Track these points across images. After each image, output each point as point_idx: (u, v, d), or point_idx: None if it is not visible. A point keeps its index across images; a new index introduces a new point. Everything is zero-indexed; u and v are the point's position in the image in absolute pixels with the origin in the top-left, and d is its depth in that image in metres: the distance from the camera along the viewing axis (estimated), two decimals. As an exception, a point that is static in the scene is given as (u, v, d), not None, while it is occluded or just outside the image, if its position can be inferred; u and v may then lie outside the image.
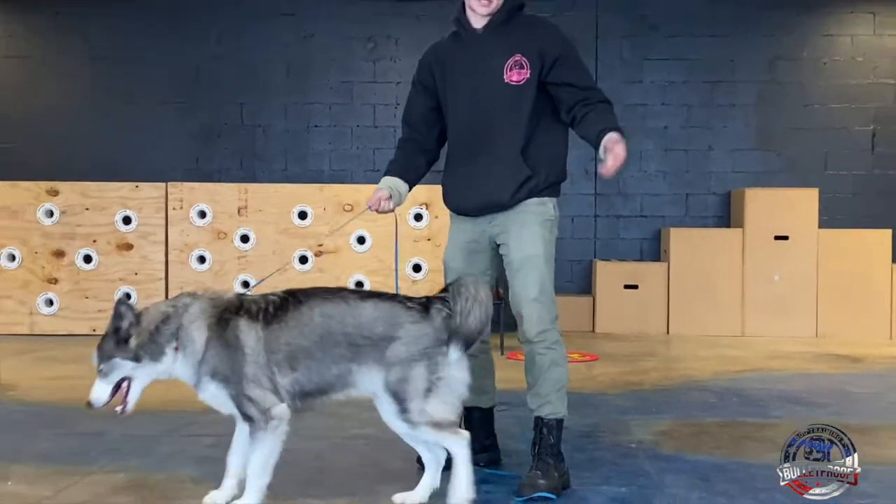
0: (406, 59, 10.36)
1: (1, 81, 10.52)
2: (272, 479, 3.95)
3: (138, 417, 5.52)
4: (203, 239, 9.43)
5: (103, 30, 10.43)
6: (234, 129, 10.42)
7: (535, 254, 4.19)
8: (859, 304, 9.55)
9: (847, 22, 10.23)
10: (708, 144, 10.29)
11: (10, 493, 4.08)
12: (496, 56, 4.25)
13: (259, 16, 10.38)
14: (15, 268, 9.35)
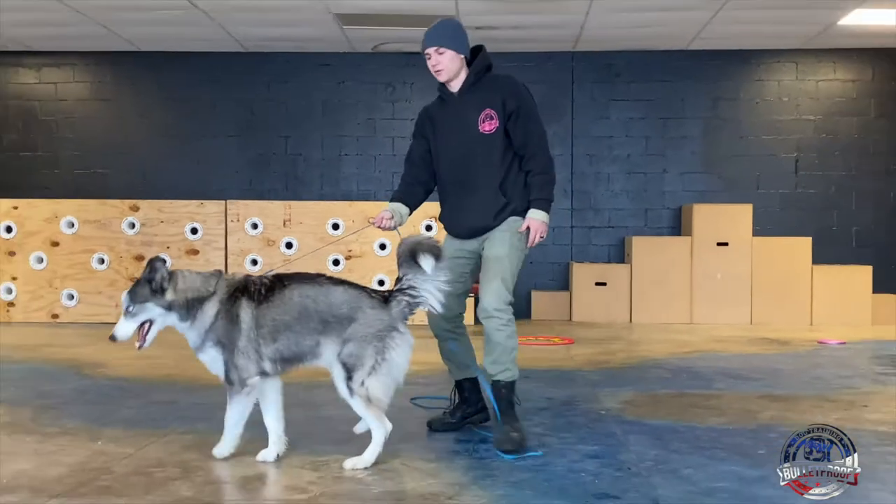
0: (417, 100, 10.36)
1: (92, 119, 10.55)
2: (314, 438, 3.95)
3: (203, 390, 5.57)
4: (255, 246, 9.45)
5: (175, 77, 10.46)
6: (280, 158, 10.45)
7: (502, 254, 4.31)
8: (785, 297, 9.54)
9: (775, 69, 10.24)
10: (663, 168, 10.29)
11: (101, 450, 4.10)
12: (471, 112, 4.37)
13: (301, 67, 10.42)
14: (104, 269, 9.38)
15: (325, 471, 3.77)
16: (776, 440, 4.36)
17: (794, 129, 10.21)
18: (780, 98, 10.24)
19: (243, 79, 10.45)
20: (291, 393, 5.44)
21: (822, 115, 10.23)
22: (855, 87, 10.22)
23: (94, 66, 10.55)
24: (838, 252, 9.94)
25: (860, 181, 10.15)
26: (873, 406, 5.19)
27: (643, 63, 10.21)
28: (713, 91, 10.23)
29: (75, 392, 5.53)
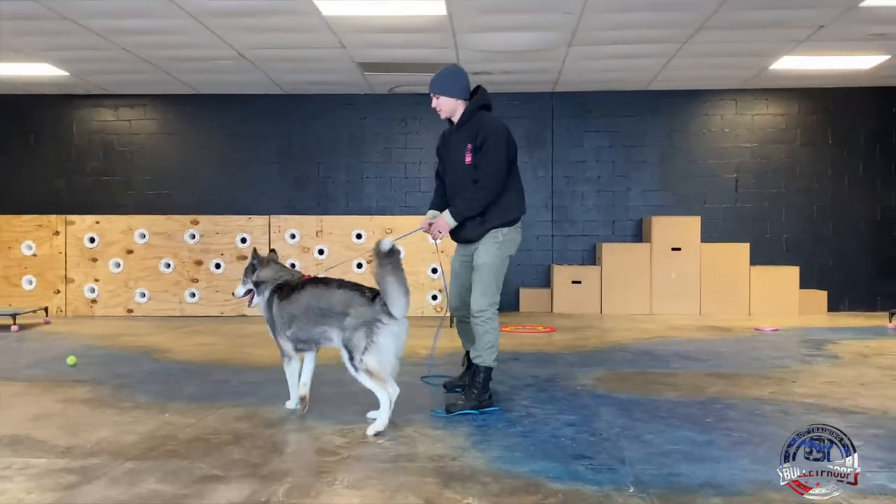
0: (426, 132, 10.37)
1: (159, 150, 10.56)
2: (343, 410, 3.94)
3: (250, 371, 5.58)
4: (293, 252, 9.45)
5: (226, 115, 10.48)
6: (313, 180, 10.45)
7: (485, 262, 4.43)
8: (728, 293, 9.52)
9: (718, 106, 10.22)
10: (627, 187, 10.27)
11: (167, 421, 4.11)
12: (461, 145, 4.47)
13: (330, 106, 10.42)
14: (169, 272, 9.39)
15: (351, 437, 3.78)
16: (721, 410, 4.37)
17: (734, 155, 10.20)
18: (722, 129, 10.23)
19: (282, 116, 10.46)
20: (323, 374, 5.48)
21: (757, 142, 10.21)
22: (784, 120, 10.20)
23: (161, 106, 10.57)
24: (771, 255, 9.92)
25: (789, 197, 10.13)
26: (800, 382, 5.19)
27: (610, 101, 10.21)
28: (668, 124, 10.22)
29: (146, 373, 5.54)
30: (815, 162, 10.13)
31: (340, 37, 7.73)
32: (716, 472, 3.21)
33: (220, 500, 2.89)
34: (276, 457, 3.44)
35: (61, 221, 9.48)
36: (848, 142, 10.08)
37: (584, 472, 3.22)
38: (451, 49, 8.19)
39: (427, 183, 10.39)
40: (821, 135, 10.12)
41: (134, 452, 3.50)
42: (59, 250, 9.43)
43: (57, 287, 9.40)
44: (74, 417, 4.19)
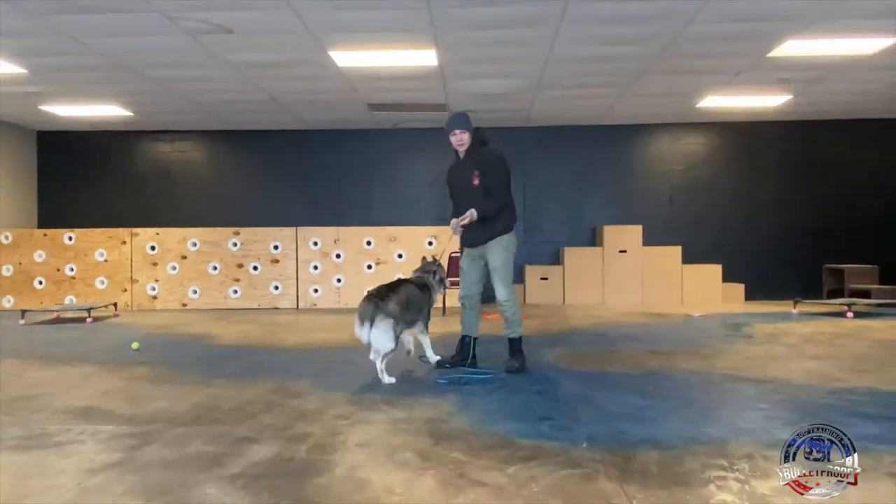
0: (424, 160, 10.35)
1: (207, 175, 10.53)
2: (354, 384, 3.91)
3: (281, 353, 5.55)
4: (315, 256, 9.42)
5: (260, 147, 10.45)
6: (331, 198, 10.42)
7: (500, 263, 4.70)
8: (664, 286, 9.54)
9: (656, 137, 10.26)
10: (584, 202, 10.29)
11: (213, 394, 4.08)
12: (469, 171, 4.67)
13: (344, 138, 10.41)
14: (216, 273, 9.35)
15: (361, 405, 3.76)
16: (658, 380, 4.37)
17: (668, 176, 10.23)
18: (659, 155, 10.26)
19: (305, 146, 10.43)
20: (339, 353, 5.46)
21: (687, 166, 10.24)
22: (708, 148, 10.24)
23: (208, 140, 10.53)
24: (699, 255, 9.94)
25: (712, 209, 10.16)
26: (722, 357, 5.19)
27: (570, 133, 10.22)
28: (616, 151, 10.24)
29: (197, 355, 5.51)
30: (733, 181, 10.17)
31: (352, 83, 7.72)
32: (653, 430, 3.21)
33: (255, 457, 2.87)
34: (299, 422, 3.42)
35: (127, 233, 9.43)
36: (760, 165, 10.12)
37: (547, 431, 3.21)
38: (442, 92, 8.19)
39: (425, 200, 10.39)
40: (738, 159, 10.17)
41: (185, 420, 3.48)
42: (126, 256, 9.38)
43: (124, 286, 9.35)
44: (136, 392, 4.16)
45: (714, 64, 7.09)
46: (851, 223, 9.95)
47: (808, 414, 3.46)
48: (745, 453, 2.84)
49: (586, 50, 6.56)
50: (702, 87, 8.10)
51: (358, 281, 9.39)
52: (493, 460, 2.78)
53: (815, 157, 10.05)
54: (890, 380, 4.26)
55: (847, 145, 10.00)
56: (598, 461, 2.77)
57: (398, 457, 2.86)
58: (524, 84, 7.80)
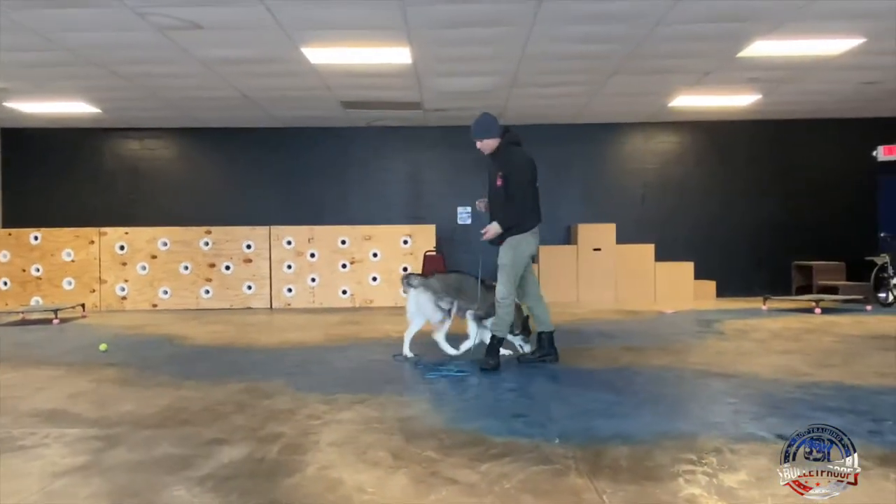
0: (398, 158, 10.33)
1: (178, 173, 10.38)
2: (327, 384, 3.88)
3: (254, 353, 5.50)
4: (289, 256, 9.35)
5: (233, 145, 10.33)
6: (305, 197, 10.34)
7: (506, 261, 4.75)
8: (637, 283, 9.65)
9: (629, 135, 10.36)
10: (559, 201, 10.33)
11: (182, 395, 4.03)
12: (495, 173, 4.77)
13: (318, 136, 10.32)
14: (187, 273, 9.24)
15: (334, 404, 3.74)
16: (630, 376, 4.42)
17: (641, 174, 10.34)
18: (632, 154, 10.37)
19: (279, 144, 10.33)
20: (312, 353, 5.43)
21: (659, 164, 10.37)
22: (680, 146, 10.37)
23: (178, 138, 10.38)
24: (671, 253, 10.06)
25: (684, 207, 10.29)
26: (693, 353, 5.27)
27: (545, 132, 10.24)
28: (590, 150, 10.32)
29: (166, 356, 5.44)
30: (705, 179, 10.32)
31: (326, 80, 7.67)
32: (624, 426, 3.24)
33: (224, 459, 2.84)
34: (271, 422, 3.39)
35: (95, 233, 9.27)
36: (731, 163, 10.29)
37: (520, 428, 3.23)
38: (416, 90, 8.17)
39: (399, 198, 10.36)
40: (709, 157, 10.32)
41: (152, 422, 3.43)
42: (94, 256, 9.21)
43: (92, 287, 9.19)
44: (104, 394, 4.09)
45: (685, 63, 7.18)
46: (819, 220, 10.16)
47: (776, 408, 3.53)
48: (714, 447, 2.89)
49: (559, 48, 6.61)
50: (673, 87, 8.20)
51: (332, 280, 9.34)
52: (465, 458, 2.79)
53: (785, 155, 10.23)
54: (854, 374, 4.36)
55: (815, 144, 10.20)
56: (569, 457, 2.79)
57: (370, 456, 2.85)
58: (498, 82, 7.83)
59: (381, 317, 8.09)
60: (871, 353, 5.17)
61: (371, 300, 9.33)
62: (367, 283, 9.34)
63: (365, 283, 9.34)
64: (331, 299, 9.31)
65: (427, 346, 5.90)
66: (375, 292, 9.34)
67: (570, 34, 6.19)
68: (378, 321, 7.61)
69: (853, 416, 3.35)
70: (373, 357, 5.23)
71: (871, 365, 4.67)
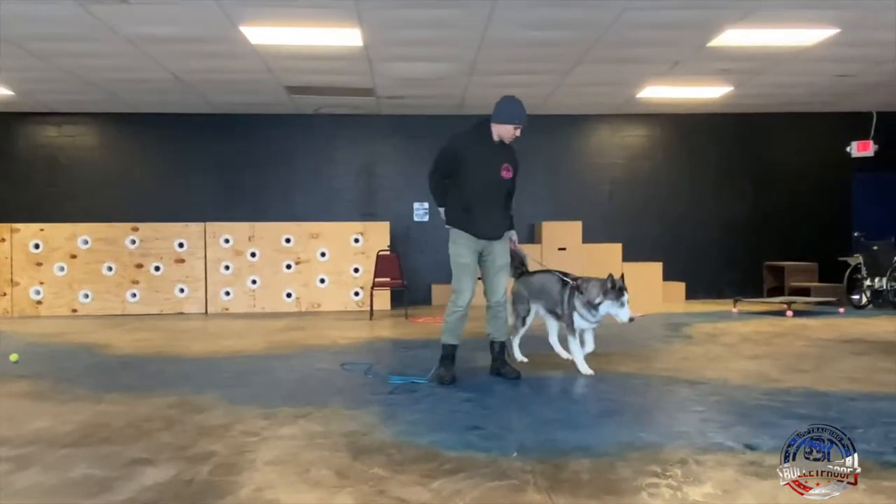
0: (348, 147, 10.27)
1: (101, 163, 10.09)
2: (268, 396, 3.82)
3: (184, 363, 5.38)
4: (227, 255, 9.19)
5: (165, 132, 10.09)
6: (246, 191, 10.17)
7: (506, 262, 4.75)
8: (605, 285, 9.78)
9: (595, 128, 10.51)
10: (522, 197, 10.38)
11: (103, 410, 3.91)
12: (499, 161, 4.61)
13: (260, 124, 10.18)
14: (111, 275, 9.00)
15: (274, 419, 3.68)
16: (594, 384, 4.49)
17: (608, 169, 10.51)
18: (599, 148, 10.53)
19: (217, 133, 10.14)
20: (251, 362, 5.35)
21: (627, 159, 10.55)
22: (649, 140, 10.58)
23: (102, 123, 10.09)
24: (639, 253, 10.26)
25: (653, 204, 10.50)
26: (660, 358, 5.39)
27: (506, 123, 10.33)
28: (554, 143, 10.43)
29: (86, 367, 5.28)
30: (674, 175, 10.55)
31: (268, 63, 7.57)
32: (586, 437, 3.28)
33: (148, 481, 2.77)
34: (202, 439, 3.32)
35: (6, 229, 8.94)
36: (701, 158, 10.54)
37: (475, 441, 3.24)
38: (368, 75, 8.13)
39: (350, 193, 10.29)
40: (679, 152, 10.55)
41: (69, 440, 3.32)
42: (4, 256, 8.89)
43: (3, 290, 8.86)
44: (14, 410, 3.94)
45: (653, 52, 7.33)
46: (792, 219, 10.49)
47: (744, 416, 3.62)
48: (679, 458, 2.95)
49: (521, 34, 6.66)
50: (641, 77, 8.36)
51: (275, 282, 9.22)
52: (416, 475, 2.78)
53: (756, 150, 10.54)
54: (825, 379, 4.52)
55: (788, 139, 10.54)
56: (528, 471, 2.81)
57: (312, 475, 2.82)
58: (456, 69, 7.85)
59: (328, 322, 8.02)
60: (843, 357, 5.36)
61: (318, 304, 9.24)
62: (313, 285, 9.25)
63: (312, 286, 9.25)
64: (273, 303, 9.19)
65: (381, 353, 5.87)
66: (323, 295, 9.26)
67: (533, 19, 6.25)
68: (325, 327, 7.54)
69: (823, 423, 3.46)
70: (319, 366, 5.17)
71: (843, 370, 4.84)
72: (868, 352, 5.61)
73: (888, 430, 3.34)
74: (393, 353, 5.94)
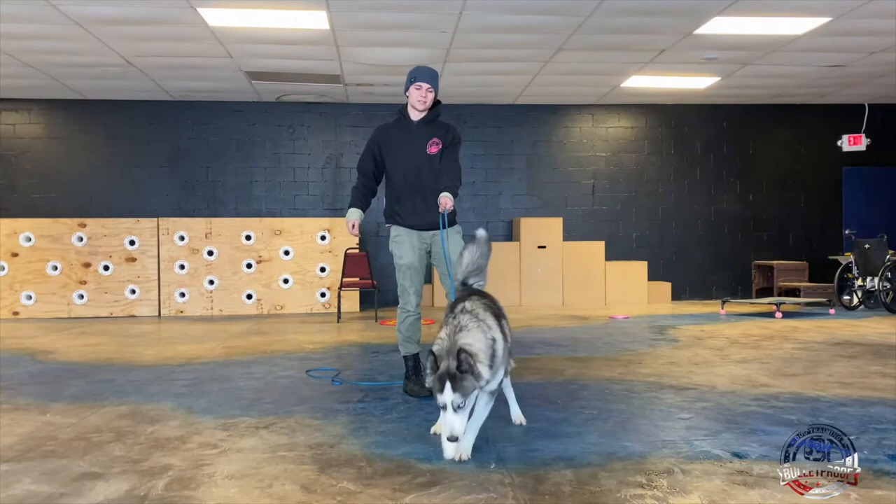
0: (313, 138, 10.21)
1: (45, 154, 9.90)
2: (226, 406, 3.79)
3: (136, 370, 5.32)
4: (182, 254, 9.09)
5: (115, 120, 9.94)
6: (202, 183, 10.07)
7: (458, 250, 4.33)
8: (586, 285, 9.88)
9: (577, 119, 10.59)
10: (498, 192, 10.48)
11: (48, 421, 3.85)
12: (423, 138, 4.42)
13: (219, 112, 10.08)
14: (57, 274, 8.84)
15: (234, 430, 3.65)
16: (576, 390, 4.52)
17: (591, 163, 10.59)
18: (581, 140, 10.61)
19: (171, 121, 10.03)
20: (209, 370, 5.30)
21: (610, 152, 10.65)
22: (633, 132, 10.69)
23: (46, 111, 9.91)
24: (623, 252, 10.38)
25: (638, 200, 10.62)
26: (645, 363, 5.44)
27: (482, 113, 10.38)
28: (533, 135, 10.50)
29: (29, 375, 5.18)
30: (659, 169, 10.67)
31: (227, 47, 7.49)
32: (568, 447, 3.31)
33: (98, 497, 2.73)
34: (157, 452, 3.29)
35: (-60, 225, 8.74)
36: (687, 151, 10.68)
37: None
38: (335, 61, 8.10)
39: (315, 186, 10.24)
40: (664, 145, 10.68)
41: (10, 454, 3.26)
42: (-63, 254, 8.68)
43: (-64, 291, 8.66)
44: (-52, 422, 3.86)
45: (638, 40, 7.40)
46: (781, 215, 10.68)
47: (731, 423, 3.68)
48: (665, 468, 2.99)
49: (499, 19, 6.68)
50: (625, 66, 8.44)
51: (234, 283, 9.15)
52: (387, 489, 2.78)
53: (745, 144, 10.70)
54: (815, 384, 4.61)
55: (777, 132, 10.72)
56: (506, 484, 2.83)
57: (276, 490, 2.81)
58: (430, 55, 7.85)
59: (293, 326, 7.98)
60: (834, 360, 5.48)
61: (281, 306, 9.18)
62: (276, 286, 9.19)
63: (274, 287, 9.19)
64: (233, 305, 9.11)
65: (350, 359, 5.86)
66: (287, 297, 9.20)
67: (512, 2, 6.27)
68: (289, 331, 7.50)
69: (812, 430, 3.54)
70: (283, 373, 5.14)
71: (834, 374, 4.94)
72: (859, 355, 5.73)
73: (881, 436, 3.42)
74: (362, 358, 5.93)
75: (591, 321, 8.03)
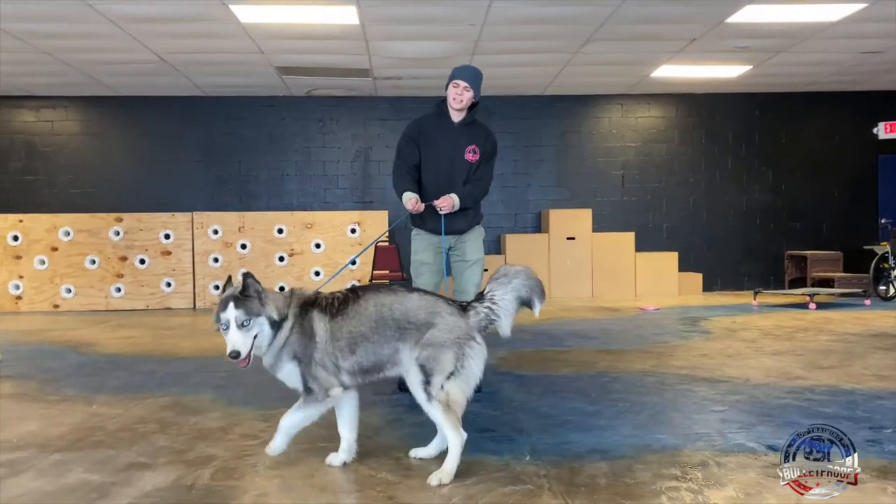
0: (342, 132, 10.30)
1: (82, 149, 10.11)
2: (264, 397, 3.88)
3: (175, 362, 5.45)
4: (216, 247, 9.25)
5: (149, 116, 10.12)
6: (235, 178, 10.22)
7: (480, 257, 4.49)
8: (616, 276, 9.86)
9: (606, 109, 10.53)
10: (527, 183, 10.48)
11: (95, 412, 3.98)
12: (463, 142, 4.38)
13: (250, 107, 10.20)
14: (95, 268, 9.05)
15: (273, 421, 3.70)
16: (608, 383, 4.55)
17: (620, 153, 10.54)
18: (610, 130, 10.55)
19: (204, 116, 10.18)
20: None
21: (640, 142, 10.58)
22: (664, 122, 10.60)
23: (83, 108, 10.11)
24: (653, 242, 10.33)
25: (668, 190, 10.55)
26: (677, 355, 5.44)
27: (511, 105, 10.37)
28: (562, 125, 10.47)
29: (73, 367, 5.34)
30: (690, 159, 10.58)
31: (258, 43, 7.58)
32: (602, 439, 3.35)
33: (147, 486, 2.83)
34: (200, 443, 3.38)
35: (-17, 220, 8.98)
36: (718, 141, 10.57)
37: (486, 444, 3.30)
38: (364, 55, 8.15)
39: (345, 180, 10.33)
40: (695, 135, 10.58)
41: (61, 444, 3.38)
42: (-19, 249, 8.93)
43: (-20, 285, 8.91)
44: (1, 413, 4.00)
45: (668, 29, 7.35)
46: (815, 205, 10.54)
47: (766, 416, 3.69)
48: (700, 461, 3.01)
49: (528, 10, 6.68)
50: (655, 55, 8.38)
51: (267, 275, 9.28)
52: (425, 479, 2.84)
53: (777, 133, 10.56)
54: (851, 376, 4.58)
55: (810, 120, 10.56)
56: (542, 475, 2.87)
57: (317, 480, 2.88)
58: (458, 48, 7.87)
59: (325, 317, 8.08)
60: (870, 352, 5.43)
61: (313, 298, 9.30)
62: (308, 278, 9.31)
63: (306, 279, 9.31)
64: (266, 297, 9.23)
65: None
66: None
67: (541, -5, 6.26)
68: (322, 322, 7.59)
69: (850, 423, 3.53)
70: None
71: (870, 366, 4.90)
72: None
73: (917, 429, 3.40)
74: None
75: (622, 313, 8.02)
